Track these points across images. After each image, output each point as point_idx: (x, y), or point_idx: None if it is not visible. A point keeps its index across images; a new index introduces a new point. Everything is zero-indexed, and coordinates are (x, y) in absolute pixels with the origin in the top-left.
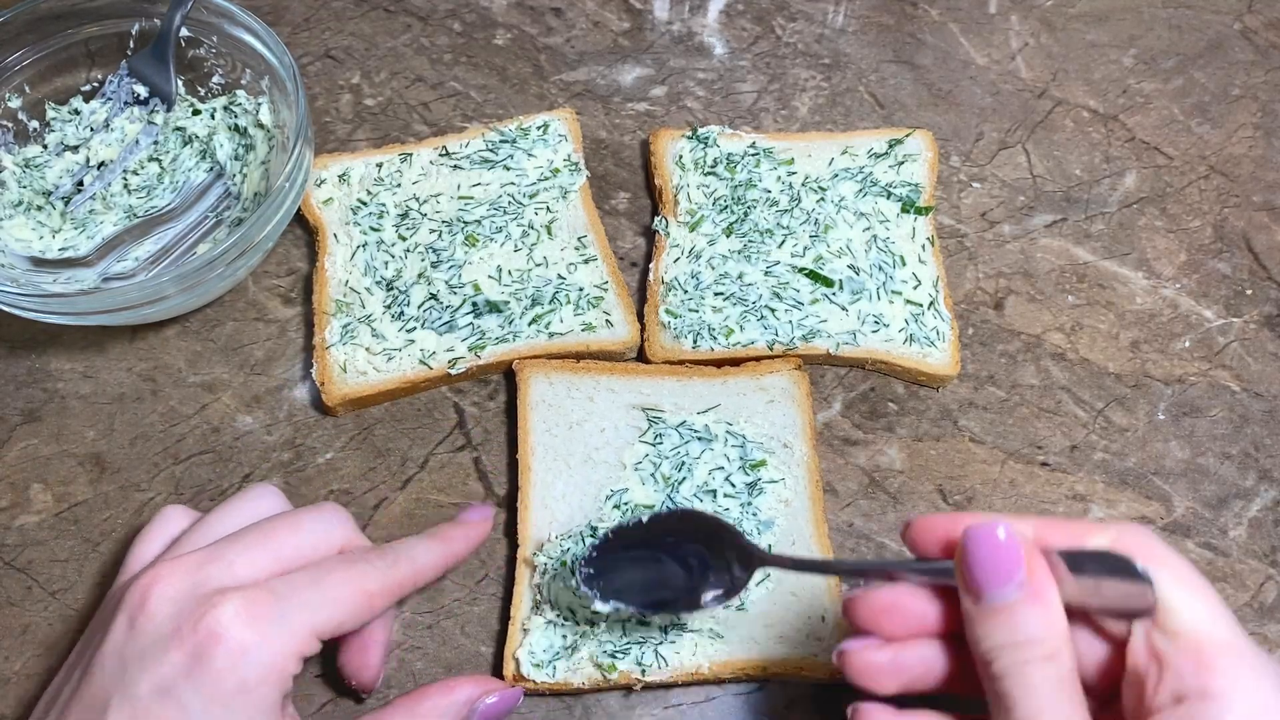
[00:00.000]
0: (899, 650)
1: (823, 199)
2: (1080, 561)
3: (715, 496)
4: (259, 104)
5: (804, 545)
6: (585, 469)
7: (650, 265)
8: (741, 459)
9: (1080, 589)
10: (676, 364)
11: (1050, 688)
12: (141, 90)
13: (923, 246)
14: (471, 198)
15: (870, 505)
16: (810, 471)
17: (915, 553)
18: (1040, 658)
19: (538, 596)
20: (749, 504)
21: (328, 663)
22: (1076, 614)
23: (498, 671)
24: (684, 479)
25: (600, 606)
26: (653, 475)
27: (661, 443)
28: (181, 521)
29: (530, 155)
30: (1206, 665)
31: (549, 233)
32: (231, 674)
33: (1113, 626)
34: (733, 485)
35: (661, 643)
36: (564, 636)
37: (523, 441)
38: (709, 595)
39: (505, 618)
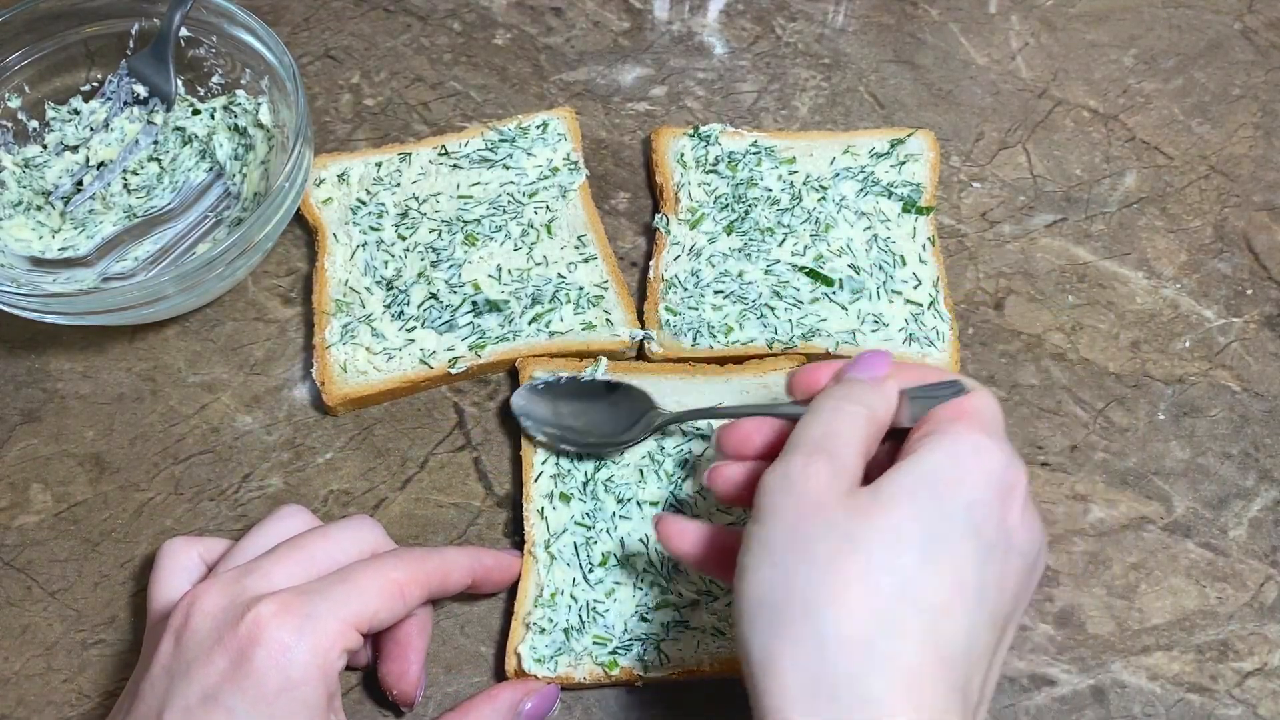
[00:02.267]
0: (754, 467)
1: (824, 198)
2: (919, 394)
3: None
4: (259, 104)
5: None
6: (588, 465)
7: (650, 263)
8: None
9: (910, 415)
10: (680, 362)
11: (848, 429)
12: (141, 90)
13: (923, 246)
14: (471, 197)
15: None
16: None
17: (794, 397)
18: (855, 415)
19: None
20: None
21: (369, 685)
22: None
23: (499, 672)
24: (687, 476)
25: (535, 434)
26: (655, 472)
27: (665, 440)
28: (187, 550)
29: (529, 154)
30: (954, 418)
31: (549, 232)
32: (274, 673)
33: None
34: None
35: (664, 639)
36: (565, 632)
37: (527, 438)
38: (613, 441)
39: (505, 616)
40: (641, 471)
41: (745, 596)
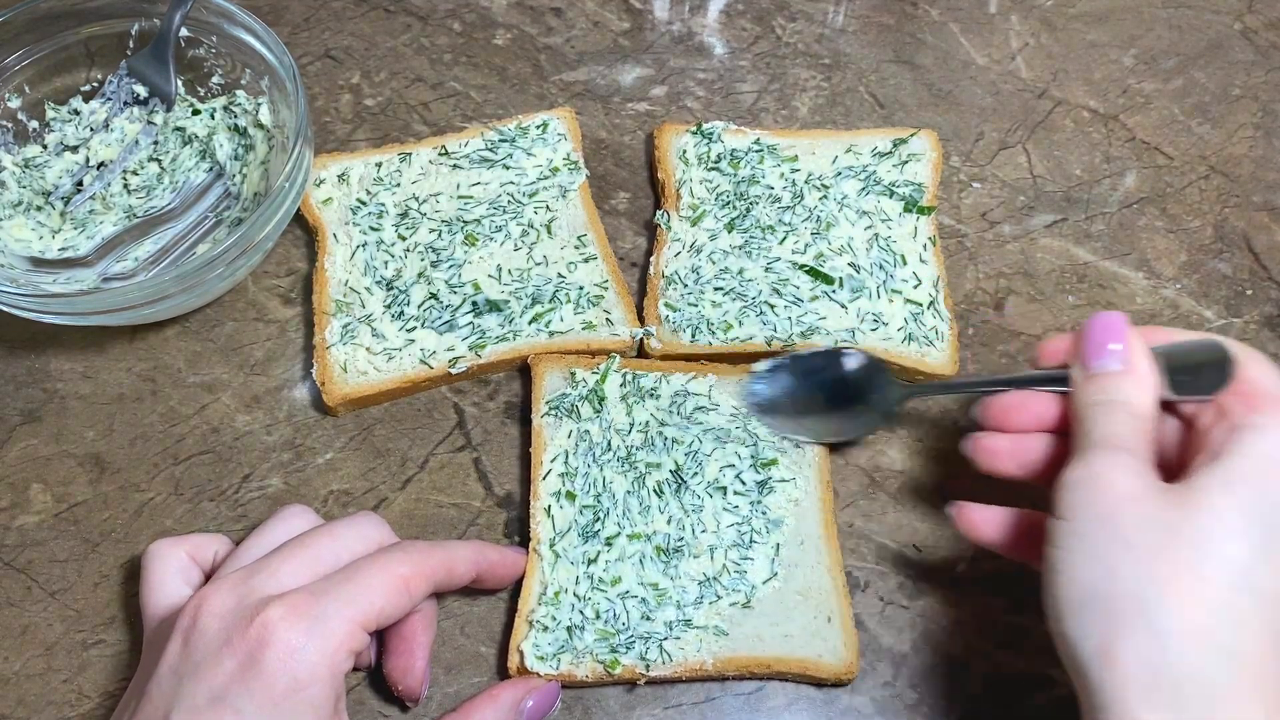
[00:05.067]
0: (1019, 439)
1: (825, 196)
2: (1176, 356)
3: (725, 493)
4: (259, 104)
5: (812, 545)
6: (597, 464)
7: (651, 259)
8: (753, 457)
9: (1172, 388)
10: (683, 359)
11: (1128, 426)
12: (141, 90)
13: (924, 246)
14: (471, 197)
15: (870, 505)
16: (821, 472)
17: (1041, 365)
18: (1127, 412)
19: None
20: (759, 502)
21: (370, 685)
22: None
23: (499, 672)
24: (695, 474)
25: (772, 425)
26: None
27: (678, 439)
28: (175, 551)
29: (529, 154)
30: (1253, 405)
31: (549, 232)
32: (283, 675)
33: (1189, 409)
34: (743, 483)
35: (666, 638)
36: (568, 630)
37: (536, 435)
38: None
39: (506, 616)
40: (651, 470)
41: (1065, 593)
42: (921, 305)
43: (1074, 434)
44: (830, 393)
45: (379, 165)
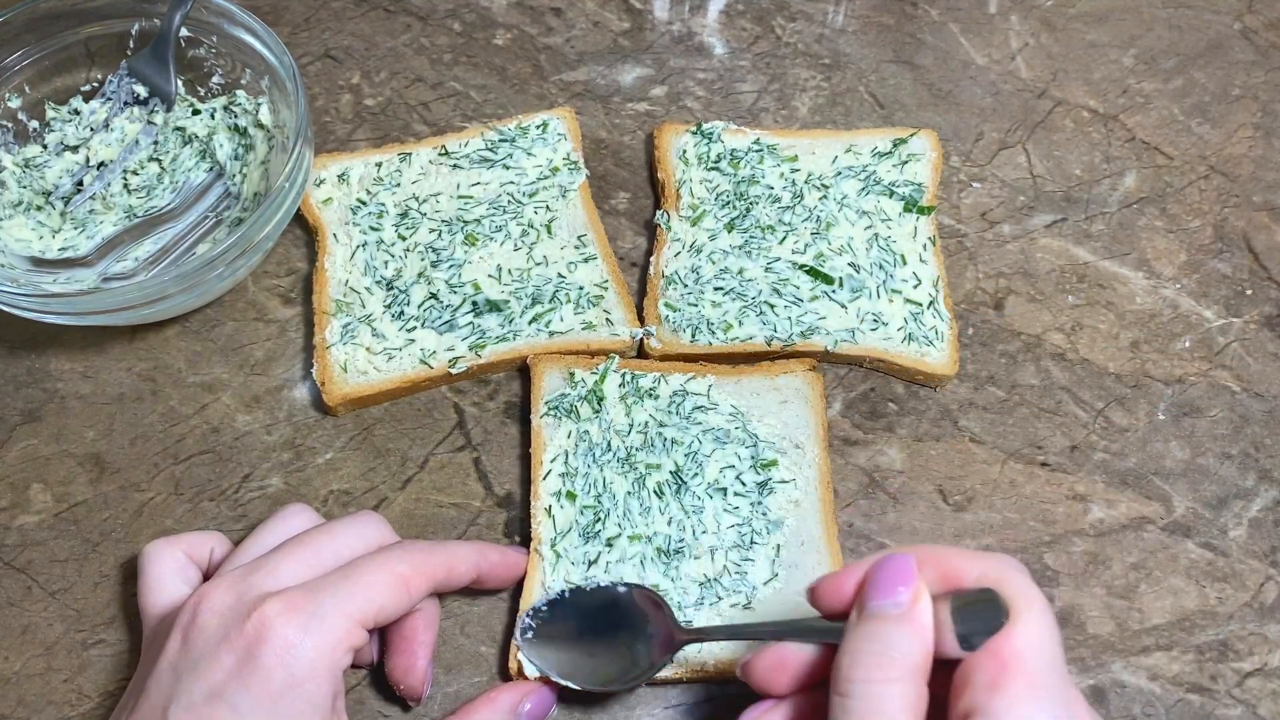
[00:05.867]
0: (789, 706)
1: (825, 196)
2: (960, 610)
3: (725, 495)
4: (259, 104)
5: (813, 546)
6: (597, 464)
7: (651, 259)
8: (753, 458)
9: (957, 637)
10: (683, 359)
11: (897, 701)
12: (141, 90)
13: (924, 246)
14: (471, 197)
15: (870, 505)
16: (821, 473)
17: (817, 604)
18: (888, 679)
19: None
20: (759, 503)
21: (370, 684)
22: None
23: (500, 672)
24: (695, 475)
25: (530, 671)
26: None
27: (681, 435)
28: (172, 551)
29: (529, 154)
30: (995, 685)
31: (549, 232)
32: (280, 671)
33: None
34: (743, 484)
35: None
36: None
37: (536, 435)
38: (632, 672)
39: (506, 616)
40: (651, 471)
41: None
42: (921, 305)
43: (833, 694)
44: (607, 629)
45: (379, 165)
